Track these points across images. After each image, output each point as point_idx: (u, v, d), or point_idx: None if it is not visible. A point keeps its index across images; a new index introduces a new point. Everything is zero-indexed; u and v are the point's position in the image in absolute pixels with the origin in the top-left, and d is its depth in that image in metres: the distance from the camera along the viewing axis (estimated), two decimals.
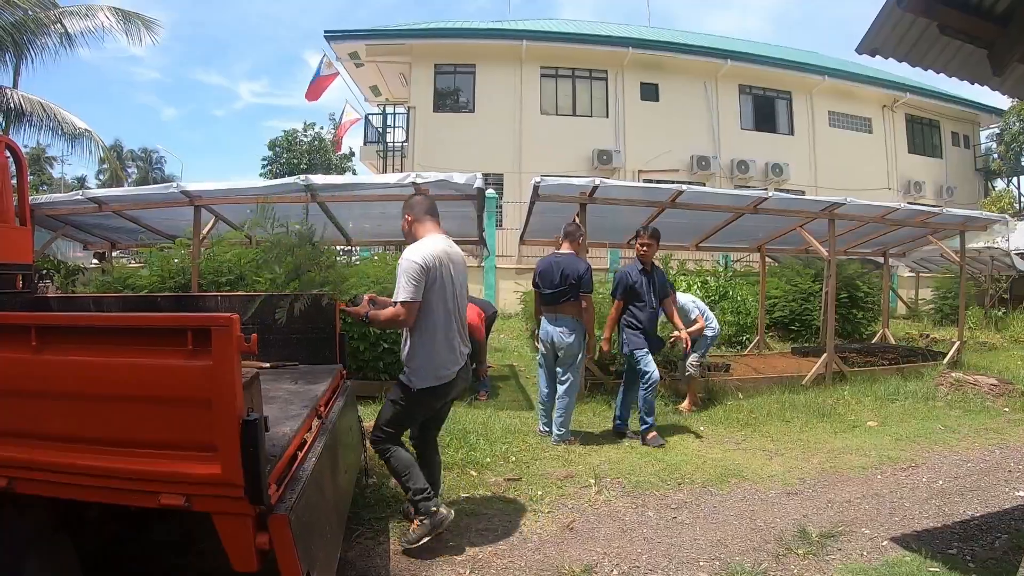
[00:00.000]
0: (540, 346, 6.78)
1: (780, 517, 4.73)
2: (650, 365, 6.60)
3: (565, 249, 6.67)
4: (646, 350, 6.67)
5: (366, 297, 4.27)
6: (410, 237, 4.16)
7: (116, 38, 15.39)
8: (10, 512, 2.56)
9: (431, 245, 4.00)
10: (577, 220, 7.79)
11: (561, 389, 6.57)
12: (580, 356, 6.56)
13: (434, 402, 4.18)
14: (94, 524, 3.11)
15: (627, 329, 6.79)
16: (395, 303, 3.92)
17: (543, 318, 6.67)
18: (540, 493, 5.08)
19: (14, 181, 6.49)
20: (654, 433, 6.57)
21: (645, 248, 6.81)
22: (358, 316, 4.09)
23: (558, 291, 6.43)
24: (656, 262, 7.21)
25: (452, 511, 4.19)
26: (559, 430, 6.52)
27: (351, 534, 4.15)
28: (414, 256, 3.87)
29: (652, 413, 6.60)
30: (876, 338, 12.87)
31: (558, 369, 6.60)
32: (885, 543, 4.29)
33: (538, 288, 6.71)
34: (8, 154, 6.21)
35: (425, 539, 3.98)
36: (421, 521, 4.00)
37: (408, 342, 4.03)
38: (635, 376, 6.76)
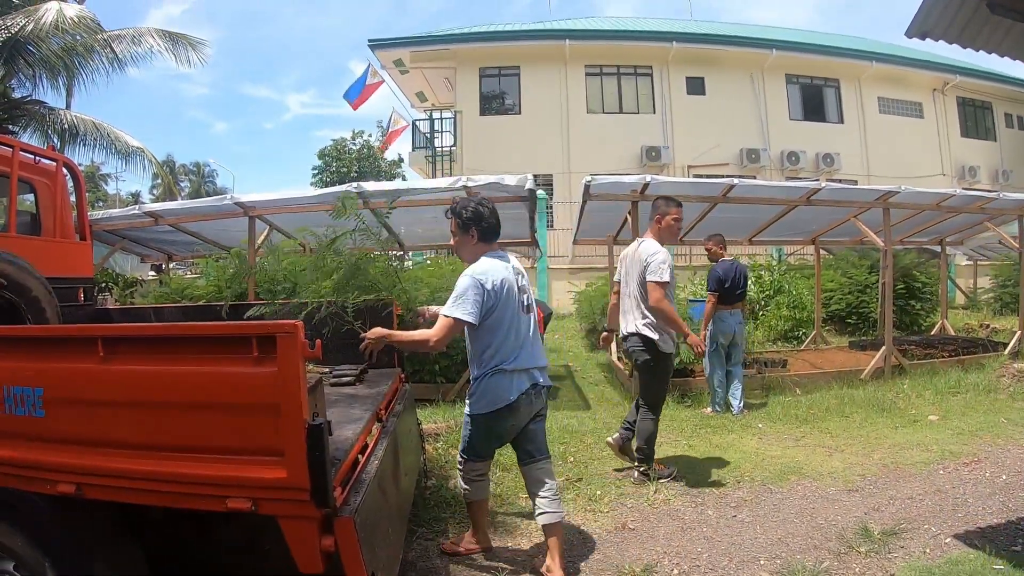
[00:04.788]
0: (720, 337, 7.63)
1: (841, 515, 4.66)
2: None
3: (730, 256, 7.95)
4: None
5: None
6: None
7: (165, 58, 15.72)
8: (79, 515, 2.64)
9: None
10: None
11: (738, 373, 7.74)
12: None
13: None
14: (159, 527, 3.18)
15: None
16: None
17: (727, 313, 7.65)
18: (599, 493, 5.08)
19: (73, 198, 6.72)
20: None
21: None
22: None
23: (743, 291, 7.78)
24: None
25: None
26: (741, 404, 7.56)
27: (411, 535, 4.20)
28: None
29: None
30: (935, 329, 12.61)
31: (732, 355, 7.74)
32: (948, 540, 4.19)
33: (724, 289, 7.62)
34: (66, 172, 6.44)
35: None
36: None
37: None
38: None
